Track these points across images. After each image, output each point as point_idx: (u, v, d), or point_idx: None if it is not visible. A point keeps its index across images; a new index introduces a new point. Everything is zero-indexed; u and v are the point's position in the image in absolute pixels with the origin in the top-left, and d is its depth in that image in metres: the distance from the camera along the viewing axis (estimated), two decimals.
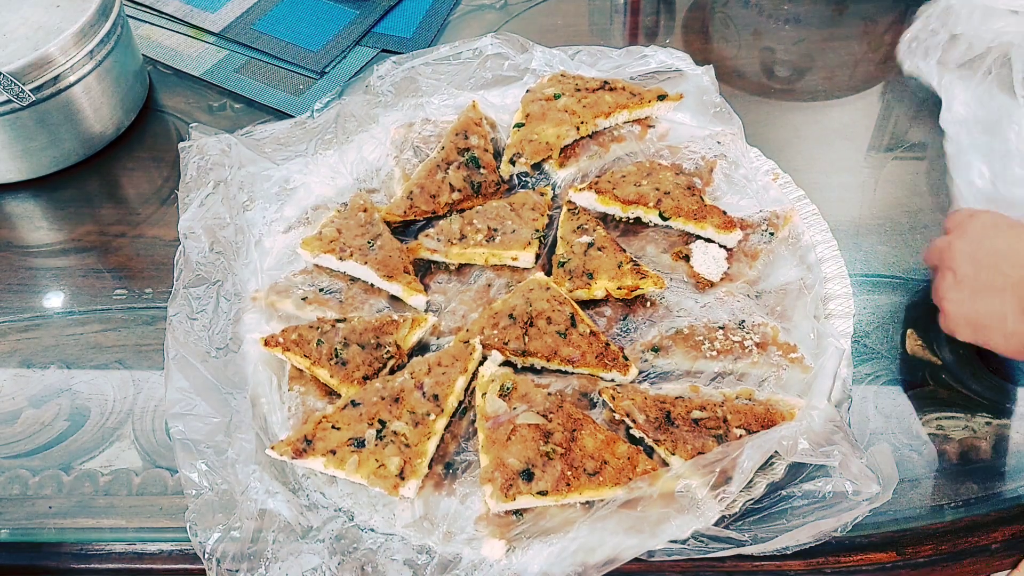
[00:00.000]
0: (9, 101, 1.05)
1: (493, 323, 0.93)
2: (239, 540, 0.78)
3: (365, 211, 1.04)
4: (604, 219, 1.06)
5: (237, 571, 0.77)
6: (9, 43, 1.09)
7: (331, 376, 0.90)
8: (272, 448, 0.84)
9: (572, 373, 0.92)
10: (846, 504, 0.77)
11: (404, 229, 1.06)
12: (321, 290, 0.99)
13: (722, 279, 0.99)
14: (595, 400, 0.90)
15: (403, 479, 0.81)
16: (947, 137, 1.07)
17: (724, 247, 1.01)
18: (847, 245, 1.02)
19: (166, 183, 1.15)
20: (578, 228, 1.02)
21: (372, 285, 1.00)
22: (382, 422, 0.85)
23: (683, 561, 0.78)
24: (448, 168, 1.07)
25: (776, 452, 0.80)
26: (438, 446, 0.86)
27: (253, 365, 0.92)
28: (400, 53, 1.26)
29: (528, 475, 0.80)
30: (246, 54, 1.33)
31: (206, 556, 0.78)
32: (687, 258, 1.00)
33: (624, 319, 0.97)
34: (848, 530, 0.76)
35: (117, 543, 0.84)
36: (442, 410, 0.86)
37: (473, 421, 0.88)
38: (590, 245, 0.99)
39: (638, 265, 0.97)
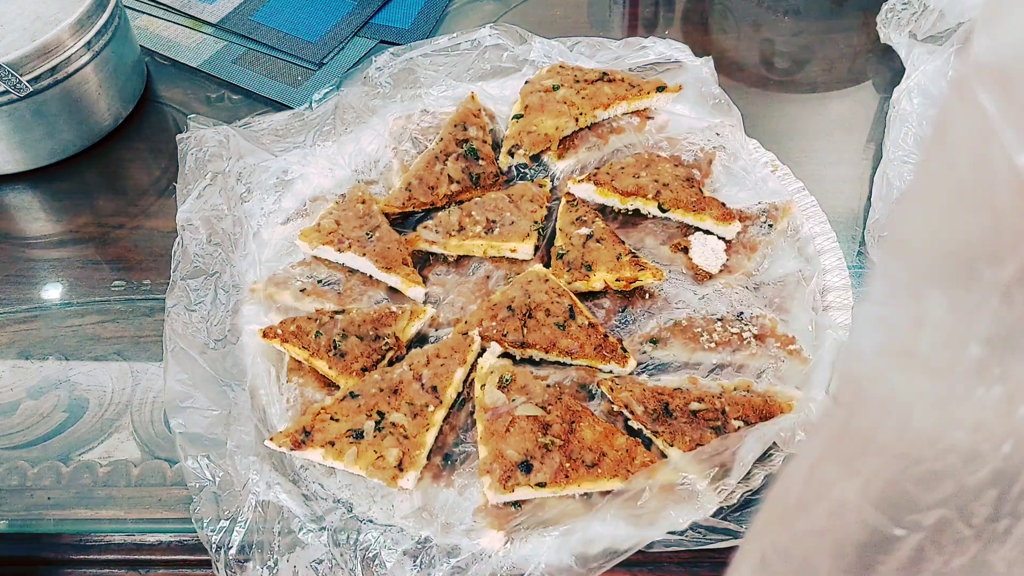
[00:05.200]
0: (7, 92, 1.04)
1: (492, 315, 0.93)
2: (245, 531, 0.79)
3: (363, 203, 1.03)
4: (603, 211, 1.06)
5: (247, 561, 0.78)
6: (6, 34, 1.08)
7: (330, 368, 0.90)
8: (271, 439, 0.84)
9: (571, 365, 0.92)
10: None
11: (402, 221, 1.06)
12: (319, 281, 0.99)
13: (721, 271, 0.99)
14: (594, 392, 0.90)
15: (402, 470, 0.81)
16: (890, 103, 1.08)
17: (723, 239, 1.01)
18: (845, 237, 1.02)
19: (164, 174, 1.15)
20: (577, 220, 1.02)
21: (371, 277, 1.00)
22: (381, 414, 0.85)
23: (681, 552, 0.78)
24: (447, 160, 1.07)
25: (774, 444, 0.81)
26: (437, 437, 0.86)
27: (252, 357, 0.92)
28: (398, 44, 1.26)
29: (527, 467, 0.80)
30: (244, 45, 1.32)
31: (214, 548, 0.78)
32: (686, 250, 1.00)
33: (623, 311, 0.97)
34: None
35: (116, 534, 0.84)
36: (441, 402, 0.86)
37: (472, 412, 0.89)
38: (589, 237, 0.99)
39: (637, 257, 0.97)
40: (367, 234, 1.00)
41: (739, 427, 0.82)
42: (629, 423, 0.87)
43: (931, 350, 0.38)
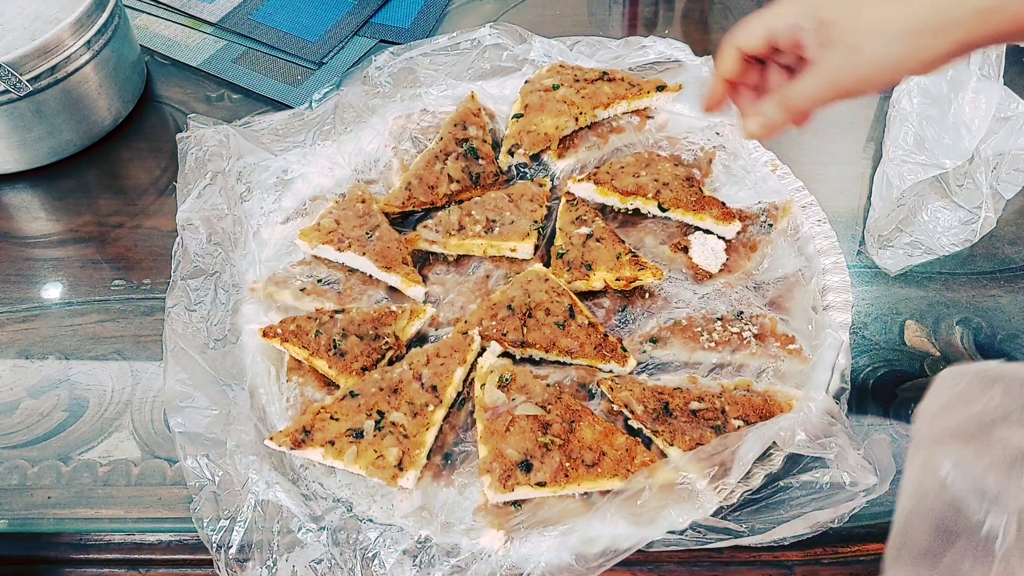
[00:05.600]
0: (6, 91, 1.04)
1: (491, 314, 0.93)
2: (244, 531, 0.79)
3: (363, 202, 1.03)
4: (603, 210, 1.06)
5: (246, 560, 0.78)
6: (6, 33, 1.08)
7: (329, 367, 0.90)
8: (271, 439, 0.84)
9: (570, 364, 0.92)
10: (843, 495, 0.77)
11: (402, 220, 1.06)
12: (319, 281, 0.99)
13: (721, 270, 0.99)
14: (593, 391, 0.90)
15: (402, 470, 0.81)
16: (890, 103, 1.08)
17: (723, 238, 1.01)
18: (845, 236, 1.02)
19: (164, 174, 1.15)
20: (577, 219, 1.02)
21: (370, 276, 1.00)
22: (380, 413, 0.85)
23: (681, 552, 0.78)
24: (446, 159, 1.07)
25: (774, 443, 0.81)
26: (436, 437, 0.86)
27: (251, 356, 0.92)
28: (398, 43, 1.26)
29: (526, 466, 0.80)
30: (244, 44, 1.32)
31: (214, 547, 0.78)
32: (686, 249, 1.00)
33: (622, 310, 0.97)
34: (845, 521, 0.76)
35: (116, 533, 0.84)
36: (440, 401, 0.86)
37: (472, 412, 0.89)
38: (589, 236, 0.99)
39: (637, 256, 0.97)
40: (367, 233, 1.00)
41: (739, 426, 0.82)
42: (629, 422, 0.87)
43: None
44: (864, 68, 0.75)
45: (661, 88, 1.12)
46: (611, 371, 0.91)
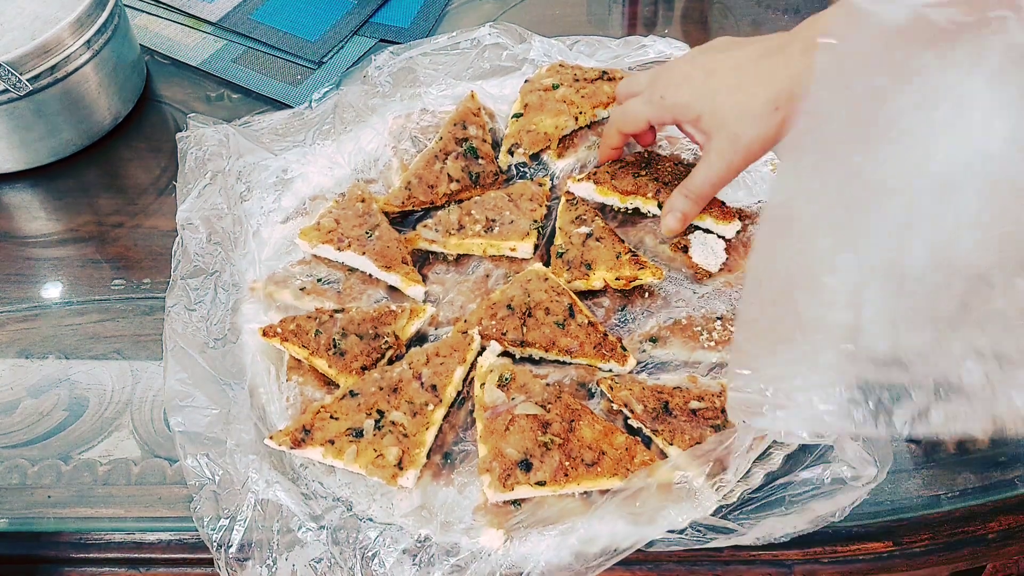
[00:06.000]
0: (6, 91, 1.04)
1: (491, 313, 0.93)
2: (244, 530, 0.79)
3: (363, 201, 1.03)
4: (603, 210, 1.06)
5: (246, 560, 0.78)
6: (6, 32, 1.08)
7: (329, 366, 0.90)
8: (271, 438, 0.84)
9: (570, 363, 0.92)
10: (845, 491, 0.77)
11: (402, 219, 1.06)
12: (319, 280, 0.99)
13: (721, 270, 0.99)
14: (593, 390, 0.90)
15: (401, 469, 0.81)
16: None
17: (723, 238, 1.01)
18: None
19: (164, 173, 1.15)
20: (576, 219, 1.02)
21: (370, 275, 1.00)
22: (380, 412, 0.85)
23: (681, 551, 0.78)
24: (446, 158, 1.07)
25: (774, 441, 0.81)
26: (436, 436, 0.86)
27: (251, 355, 0.92)
28: (398, 43, 1.26)
29: (526, 465, 0.80)
30: (244, 44, 1.32)
31: (215, 546, 0.78)
32: (685, 249, 1.01)
33: (622, 310, 0.97)
34: (845, 516, 0.76)
35: (116, 532, 0.84)
36: (440, 400, 0.86)
37: (471, 411, 0.89)
38: (588, 236, 0.99)
39: (636, 256, 0.97)
40: (367, 233, 1.00)
41: None
42: (629, 422, 0.87)
43: None
44: (747, 148, 0.86)
45: None
46: (611, 370, 0.91)
